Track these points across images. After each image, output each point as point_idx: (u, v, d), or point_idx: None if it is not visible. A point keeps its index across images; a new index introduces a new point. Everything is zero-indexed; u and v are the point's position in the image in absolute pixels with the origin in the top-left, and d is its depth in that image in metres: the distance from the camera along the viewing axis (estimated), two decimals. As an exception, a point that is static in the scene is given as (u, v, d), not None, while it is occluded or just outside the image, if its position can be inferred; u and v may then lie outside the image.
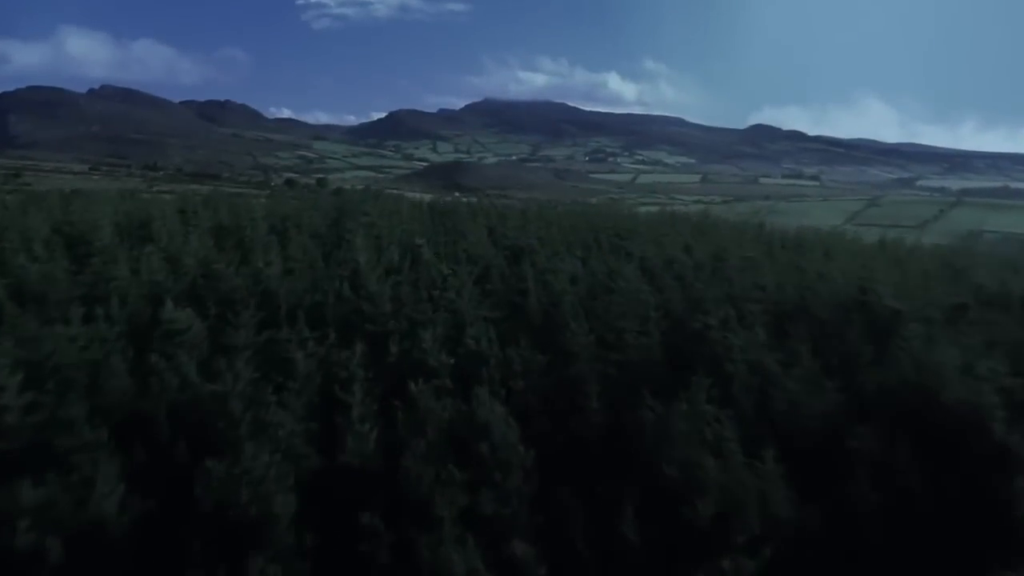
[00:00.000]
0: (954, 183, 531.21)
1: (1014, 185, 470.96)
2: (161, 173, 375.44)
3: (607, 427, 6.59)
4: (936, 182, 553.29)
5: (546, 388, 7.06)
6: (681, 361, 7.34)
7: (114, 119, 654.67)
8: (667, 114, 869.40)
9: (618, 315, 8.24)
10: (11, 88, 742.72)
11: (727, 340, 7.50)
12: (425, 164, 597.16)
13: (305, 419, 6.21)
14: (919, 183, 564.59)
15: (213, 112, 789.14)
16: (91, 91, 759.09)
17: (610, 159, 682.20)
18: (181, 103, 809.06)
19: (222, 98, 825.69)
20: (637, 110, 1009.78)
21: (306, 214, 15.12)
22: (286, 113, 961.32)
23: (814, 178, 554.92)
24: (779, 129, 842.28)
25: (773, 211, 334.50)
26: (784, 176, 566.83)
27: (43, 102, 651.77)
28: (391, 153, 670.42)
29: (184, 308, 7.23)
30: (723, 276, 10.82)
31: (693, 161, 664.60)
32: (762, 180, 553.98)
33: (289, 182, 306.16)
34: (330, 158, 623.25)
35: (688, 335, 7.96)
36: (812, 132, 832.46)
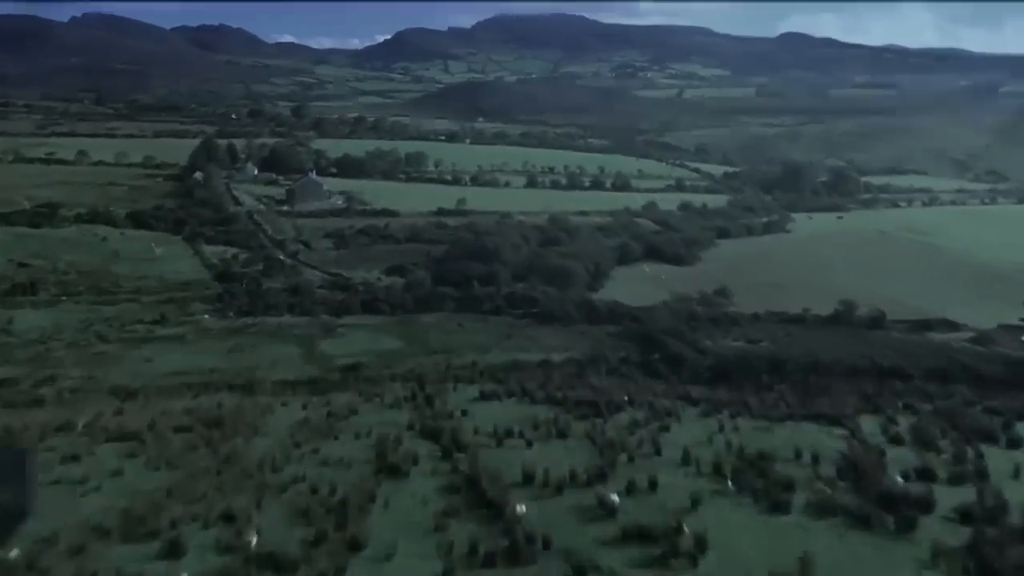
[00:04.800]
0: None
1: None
2: (107, 108, 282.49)
3: None
4: (1019, 87, 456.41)
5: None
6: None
7: (99, 49, 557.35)
8: (693, 24, 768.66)
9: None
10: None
11: None
12: (438, 86, 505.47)
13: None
14: (1002, 90, 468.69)
15: (207, 39, 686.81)
16: (73, 19, 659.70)
17: (640, 74, 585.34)
18: (173, 30, 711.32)
19: (216, 23, 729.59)
20: (658, 20, 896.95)
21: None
22: (287, 38, 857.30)
23: (890, 87, 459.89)
24: (812, 36, 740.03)
25: (892, 130, 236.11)
26: (854, 87, 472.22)
27: (17, 32, 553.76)
28: (399, 76, 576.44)
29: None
30: None
31: (728, 73, 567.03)
32: (831, 91, 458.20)
33: (253, 113, 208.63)
34: (331, 83, 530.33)
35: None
36: (845, 39, 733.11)
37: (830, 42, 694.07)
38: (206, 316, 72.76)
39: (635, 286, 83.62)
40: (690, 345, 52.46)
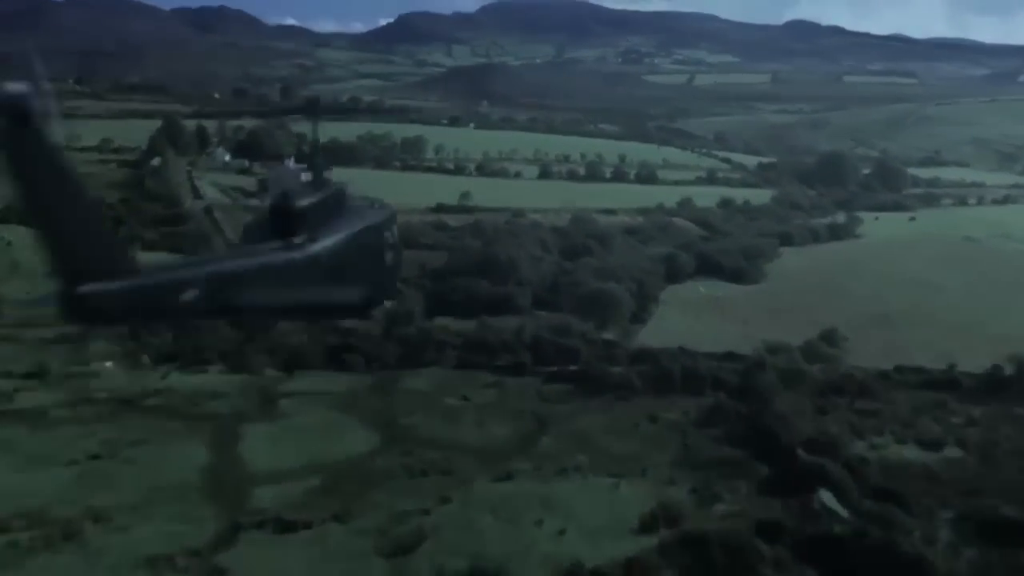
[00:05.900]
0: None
1: None
2: (85, 88, 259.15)
3: None
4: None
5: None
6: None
7: (95, 30, 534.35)
8: (699, 10, 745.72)
9: None
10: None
11: None
12: (441, 70, 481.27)
13: None
14: (1021, 78, 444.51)
15: (207, 20, 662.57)
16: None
17: (646, 60, 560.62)
18: (172, 11, 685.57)
19: (216, 4, 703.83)
20: (663, 7, 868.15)
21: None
22: (289, 21, 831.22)
23: (909, 75, 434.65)
24: (818, 24, 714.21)
25: (924, 118, 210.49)
26: (868, 74, 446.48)
27: (12, 12, 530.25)
28: (401, 60, 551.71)
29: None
30: None
31: (737, 60, 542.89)
32: (846, 78, 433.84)
33: (237, 92, 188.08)
34: (332, 66, 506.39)
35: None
36: (851, 27, 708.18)
37: (837, 30, 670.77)
38: (109, 364, 51.13)
39: (693, 317, 62.06)
40: (854, 471, 31.49)
